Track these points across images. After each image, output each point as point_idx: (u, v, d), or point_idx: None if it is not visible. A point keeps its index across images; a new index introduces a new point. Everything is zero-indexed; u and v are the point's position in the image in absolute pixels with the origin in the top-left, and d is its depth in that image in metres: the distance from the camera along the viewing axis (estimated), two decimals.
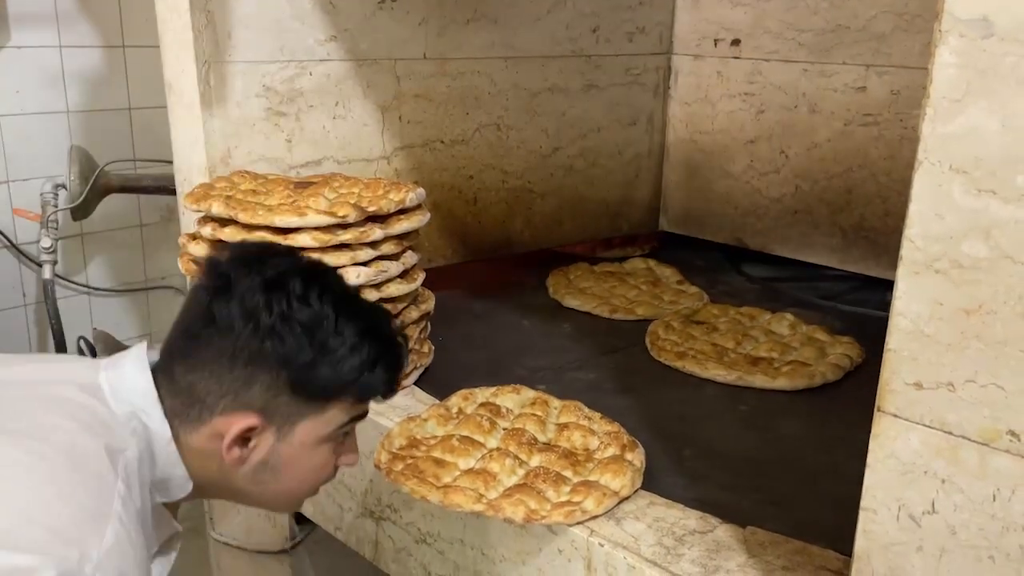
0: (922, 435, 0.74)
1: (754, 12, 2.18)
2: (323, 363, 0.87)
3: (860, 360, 1.64)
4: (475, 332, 1.78)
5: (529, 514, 1.06)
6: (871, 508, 0.79)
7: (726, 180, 2.33)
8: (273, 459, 0.90)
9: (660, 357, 1.66)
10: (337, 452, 0.96)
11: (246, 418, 0.86)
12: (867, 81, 1.99)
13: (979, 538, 0.73)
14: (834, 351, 1.66)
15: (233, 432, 0.86)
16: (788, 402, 1.51)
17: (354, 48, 1.77)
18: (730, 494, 1.18)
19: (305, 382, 0.87)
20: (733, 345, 1.70)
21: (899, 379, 0.75)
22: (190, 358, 0.88)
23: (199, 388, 0.87)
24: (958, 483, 0.73)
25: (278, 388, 0.87)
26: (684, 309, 1.91)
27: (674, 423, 1.40)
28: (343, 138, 1.80)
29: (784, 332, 1.78)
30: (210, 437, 0.87)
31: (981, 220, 0.68)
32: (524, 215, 2.17)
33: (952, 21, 0.66)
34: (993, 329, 0.69)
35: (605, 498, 1.09)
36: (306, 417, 0.89)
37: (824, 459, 1.30)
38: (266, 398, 0.87)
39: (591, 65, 2.20)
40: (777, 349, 1.68)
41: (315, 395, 0.89)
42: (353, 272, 1.34)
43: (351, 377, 0.89)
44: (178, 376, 0.88)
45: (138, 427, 0.85)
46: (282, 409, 0.88)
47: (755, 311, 1.88)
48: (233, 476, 0.90)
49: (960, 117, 0.67)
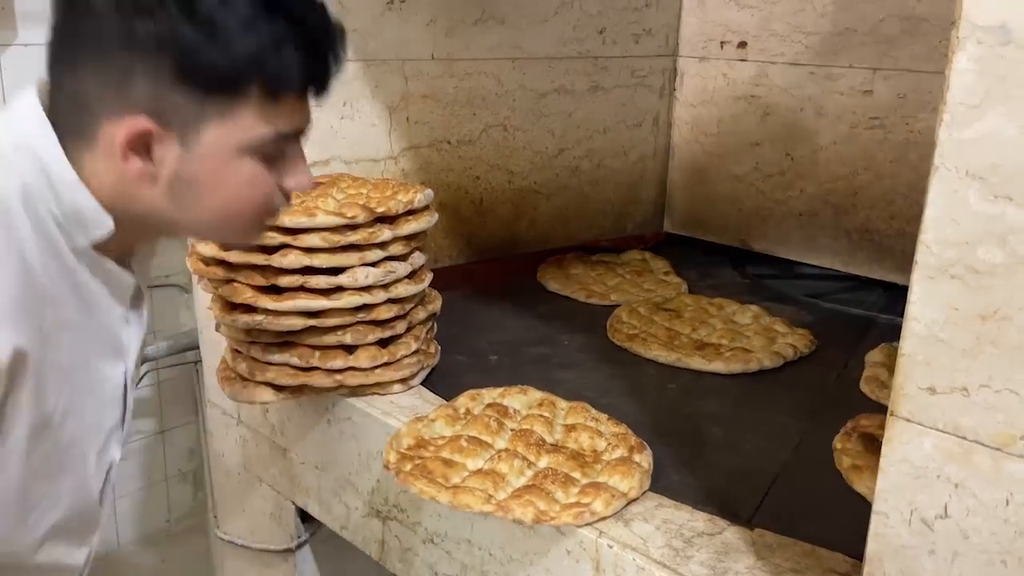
0: (935, 439, 0.75)
1: (760, 15, 2.19)
2: (210, 44, 0.73)
3: (807, 351, 1.69)
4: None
5: (539, 515, 1.06)
6: (883, 512, 0.80)
7: (731, 182, 2.34)
8: (187, 173, 0.78)
9: (613, 338, 1.73)
10: (278, 172, 0.85)
11: (134, 120, 0.75)
12: (873, 84, 2.00)
13: (991, 542, 0.73)
14: (783, 341, 1.70)
15: (121, 137, 0.75)
16: (718, 384, 1.56)
17: (362, 48, 1.77)
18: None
19: (192, 71, 0.73)
20: (688, 331, 1.76)
21: (913, 383, 0.75)
22: (68, 61, 0.76)
23: (81, 93, 0.75)
24: (971, 487, 0.73)
25: (163, 80, 0.74)
26: (656, 297, 1.97)
27: (598, 395, 1.45)
28: (350, 138, 1.80)
29: (745, 322, 1.83)
30: (106, 152, 0.77)
31: (997, 226, 0.68)
32: (530, 215, 2.17)
33: (970, 27, 0.67)
34: (1008, 335, 0.69)
35: (614, 499, 1.09)
36: (210, 119, 0.76)
37: (717, 431, 1.38)
38: (152, 94, 0.74)
39: (597, 67, 2.21)
40: (728, 336, 1.73)
41: (211, 88, 0.75)
42: (362, 272, 1.34)
43: (248, 61, 0.75)
44: (66, 85, 0.77)
45: (25, 156, 0.75)
46: (178, 110, 0.75)
47: (725, 302, 1.92)
48: (150, 200, 0.79)
49: (977, 123, 0.67)
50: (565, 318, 1.86)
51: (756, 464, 1.27)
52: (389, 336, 1.41)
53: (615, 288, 2.03)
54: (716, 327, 1.79)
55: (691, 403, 1.49)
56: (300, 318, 1.33)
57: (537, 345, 1.69)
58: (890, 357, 1.63)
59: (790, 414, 1.45)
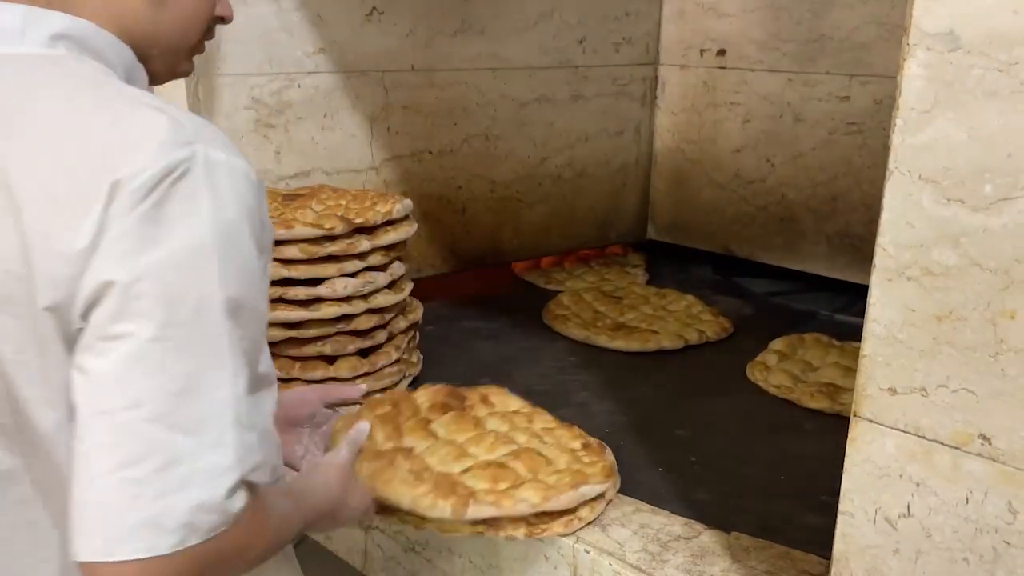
0: (897, 439, 0.76)
1: (739, 23, 2.21)
2: None
3: (716, 337, 1.82)
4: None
5: (530, 530, 1.06)
6: (848, 512, 0.81)
7: (713, 189, 2.35)
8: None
9: (545, 318, 1.89)
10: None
11: None
12: (850, 90, 2.02)
13: (953, 540, 0.74)
14: (695, 327, 1.83)
15: None
16: (615, 360, 1.71)
17: (342, 60, 1.78)
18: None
19: None
20: (616, 315, 1.90)
21: (874, 384, 0.76)
22: None
23: None
24: (932, 486, 0.74)
25: None
26: (607, 285, 2.11)
27: (499, 362, 1.65)
28: (331, 149, 1.81)
29: (675, 309, 1.96)
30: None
31: (950, 228, 0.69)
32: (513, 224, 2.19)
33: (920, 35, 0.68)
34: (964, 335, 0.70)
35: (596, 504, 1.11)
36: None
37: (583, 396, 1.52)
38: None
39: (578, 76, 2.22)
40: (647, 321, 1.86)
41: None
42: (341, 283, 1.35)
43: None
44: None
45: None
46: None
47: (671, 292, 2.05)
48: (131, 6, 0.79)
49: (929, 128, 0.69)
50: (515, 299, 2.05)
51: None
52: (370, 346, 1.42)
53: (576, 277, 2.20)
54: (645, 313, 1.91)
55: (577, 373, 1.64)
56: (279, 329, 1.34)
57: (472, 319, 1.90)
58: (790, 346, 1.73)
59: (655, 389, 1.59)
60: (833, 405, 1.50)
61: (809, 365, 1.66)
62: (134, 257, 0.63)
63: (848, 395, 1.42)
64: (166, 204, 0.64)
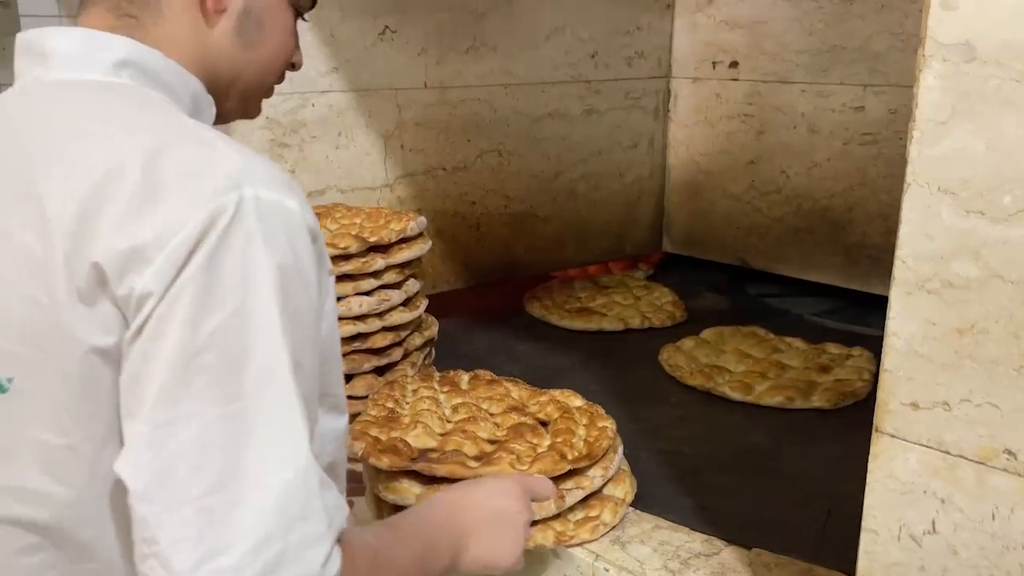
0: (920, 455, 0.75)
1: (751, 34, 2.20)
2: None
3: (661, 325, 1.95)
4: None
5: (558, 536, 1.07)
6: (872, 529, 0.79)
7: (728, 200, 2.34)
8: (255, 7, 0.81)
9: (526, 305, 2.08)
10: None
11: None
12: (865, 100, 2.01)
13: (979, 557, 0.73)
14: (653, 317, 1.97)
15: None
16: (566, 337, 1.91)
17: (355, 79, 1.79)
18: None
19: None
20: (589, 303, 2.04)
21: (896, 399, 0.75)
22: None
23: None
24: (957, 502, 0.73)
25: None
26: (602, 279, 2.26)
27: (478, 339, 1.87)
28: (346, 167, 1.81)
29: (642, 297, 2.09)
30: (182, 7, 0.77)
31: (970, 240, 0.68)
32: (527, 239, 2.18)
33: (935, 46, 0.68)
34: (986, 348, 0.69)
35: (618, 507, 1.12)
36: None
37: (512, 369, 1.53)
38: None
39: (591, 90, 2.23)
40: (608, 306, 2.01)
41: None
42: (356, 302, 1.35)
43: None
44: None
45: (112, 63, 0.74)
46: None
47: (656, 287, 2.17)
48: (219, 42, 0.80)
49: (946, 139, 0.68)
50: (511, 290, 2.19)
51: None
52: (386, 364, 1.42)
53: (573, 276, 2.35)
54: (615, 302, 2.05)
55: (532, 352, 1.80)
56: None
57: (454, 299, 1.99)
58: (719, 335, 1.84)
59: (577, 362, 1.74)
60: (705, 383, 1.60)
61: (720, 351, 1.75)
62: (191, 328, 0.59)
63: (723, 376, 1.61)
64: (217, 259, 0.60)
